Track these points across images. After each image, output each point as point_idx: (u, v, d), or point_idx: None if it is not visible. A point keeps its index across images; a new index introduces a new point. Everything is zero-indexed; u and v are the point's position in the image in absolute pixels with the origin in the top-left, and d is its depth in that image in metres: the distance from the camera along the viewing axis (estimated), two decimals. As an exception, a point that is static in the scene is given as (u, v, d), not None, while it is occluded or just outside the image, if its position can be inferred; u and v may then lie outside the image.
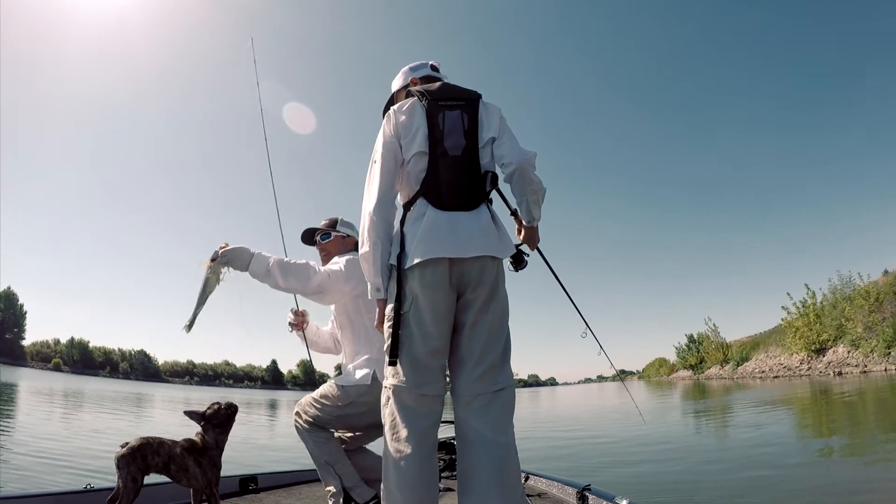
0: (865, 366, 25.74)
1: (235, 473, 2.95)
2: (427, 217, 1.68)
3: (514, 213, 2.03)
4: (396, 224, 1.77)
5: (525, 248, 2.00)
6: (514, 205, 1.96)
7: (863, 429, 8.63)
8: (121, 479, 1.78)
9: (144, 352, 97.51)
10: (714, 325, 49.07)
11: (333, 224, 2.58)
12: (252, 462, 6.62)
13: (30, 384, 29.19)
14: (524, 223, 1.95)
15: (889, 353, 24.17)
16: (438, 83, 1.85)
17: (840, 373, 26.96)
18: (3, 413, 12.17)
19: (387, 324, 1.70)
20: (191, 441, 2.00)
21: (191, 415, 2.07)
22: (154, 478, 1.91)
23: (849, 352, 28.06)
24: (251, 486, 2.91)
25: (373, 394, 2.18)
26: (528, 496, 2.77)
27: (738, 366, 40.50)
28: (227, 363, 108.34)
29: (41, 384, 30.99)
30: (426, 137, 1.73)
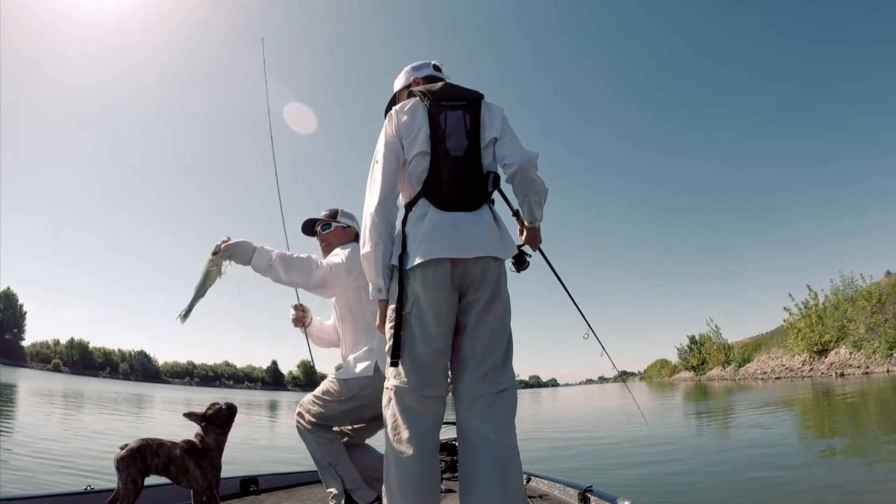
0: (868, 367, 25.66)
1: (236, 475, 2.94)
2: (429, 217, 1.68)
3: (517, 214, 2.03)
4: (398, 224, 1.76)
5: (527, 249, 1.99)
6: (517, 205, 1.95)
7: (865, 430, 8.61)
8: (121, 481, 1.78)
9: (144, 352, 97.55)
10: (716, 326, 49.01)
11: (334, 215, 2.59)
12: (253, 463, 6.61)
13: (29, 385, 29.14)
14: (526, 224, 1.94)
15: (891, 355, 24.10)
16: (441, 83, 1.85)
17: (842, 374, 26.89)
18: (3, 414, 12.16)
19: (388, 325, 1.69)
20: (190, 442, 1.99)
21: (190, 416, 2.06)
22: (154, 479, 1.91)
23: (851, 353, 27.98)
24: (252, 488, 2.90)
25: (375, 385, 2.16)
26: (530, 498, 2.76)
27: (740, 367, 40.40)
28: (228, 364, 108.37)
29: (41, 385, 30.96)
30: (428, 137, 1.72)
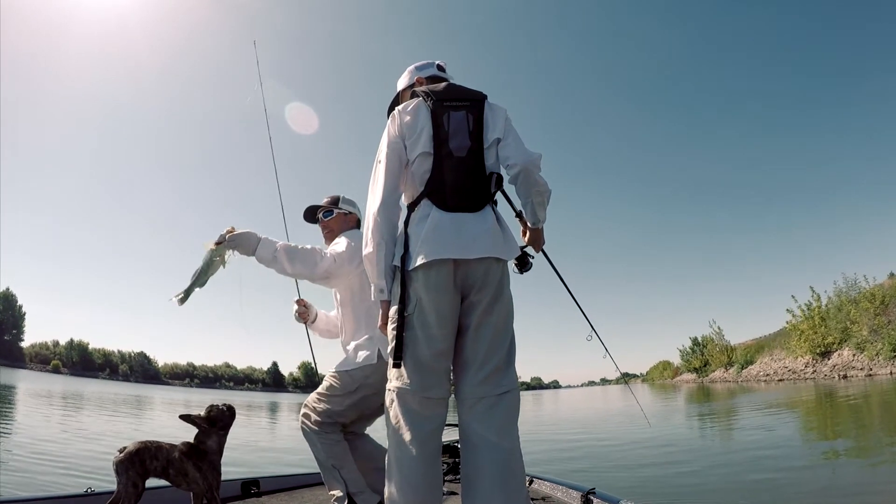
0: (871, 369, 25.58)
1: (237, 477, 2.94)
2: (431, 218, 1.67)
3: (519, 215, 2.02)
4: (400, 225, 1.76)
5: (530, 251, 1.98)
6: (519, 206, 1.94)
7: (868, 432, 8.59)
8: (121, 485, 1.77)
9: (144, 354, 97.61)
10: (718, 328, 48.88)
11: (336, 201, 2.58)
12: (254, 465, 6.60)
13: (29, 386, 29.13)
14: (529, 225, 1.93)
15: (895, 357, 24.02)
16: (444, 83, 1.85)
17: (845, 376, 26.81)
18: (2, 415, 12.15)
19: (390, 326, 1.69)
20: (189, 445, 1.97)
21: (187, 418, 2.02)
22: (155, 482, 1.90)
23: (854, 355, 27.90)
24: (253, 490, 2.89)
25: (380, 373, 2.13)
26: (533, 500, 2.75)
27: (743, 369, 40.30)
28: (228, 365, 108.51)
29: (40, 386, 30.98)
30: (431, 138, 1.72)
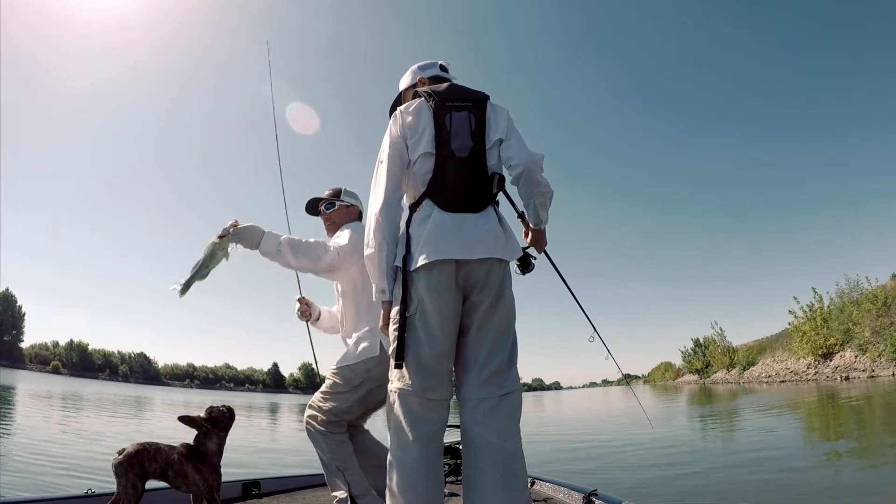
0: (873, 370, 25.52)
1: (238, 478, 2.93)
2: (433, 218, 1.67)
3: (521, 216, 2.01)
4: (402, 225, 1.75)
5: (532, 251, 1.98)
6: (521, 207, 1.94)
7: (870, 433, 8.58)
8: (120, 486, 1.77)
9: (144, 354, 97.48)
10: (720, 329, 48.84)
11: (337, 193, 2.59)
12: (254, 466, 6.60)
13: (28, 387, 29.11)
14: (531, 226, 1.93)
15: (897, 358, 23.97)
16: (446, 84, 1.85)
17: (847, 377, 26.76)
18: (2, 416, 12.15)
19: (392, 326, 1.68)
20: (189, 446, 1.96)
21: (186, 419, 2.00)
22: (155, 482, 1.89)
23: (856, 356, 27.84)
24: (254, 492, 2.88)
25: (383, 365, 2.11)
26: (534, 501, 2.73)
27: (745, 370, 40.25)
28: (228, 366, 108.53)
29: (40, 387, 30.97)
30: (433, 138, 1.72)
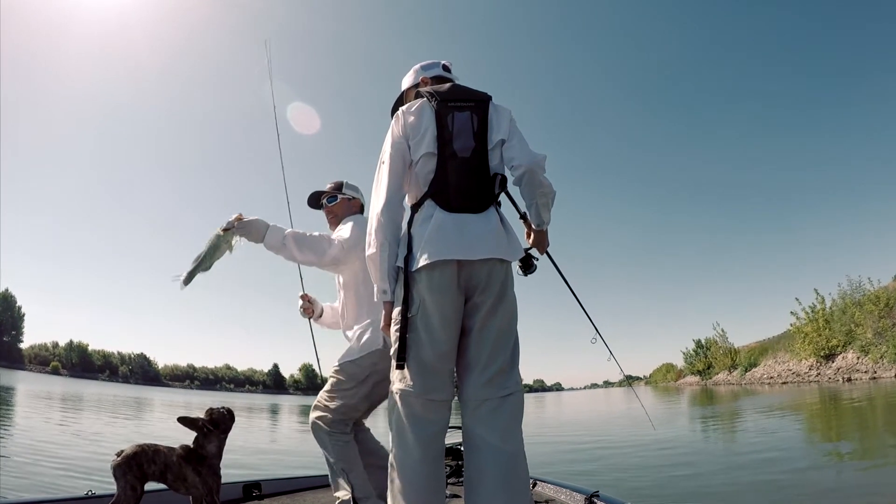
0: (875, 372, 25.45)
1: (238, 479, 2.92)
2: (435, 219, 1.66)
3: (524, 217, 2.01)
4: (404, 226, 1.75)
5: (534, 253, 1.97)
6: (524, 208, 1.94)
7: (872, 434, 8.57)
8: (120, 488, 1.76)
9: (144, 355, 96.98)
10: (722, 330, 48.62)
11: (339, 186, 2.59)
12: (255, 467, 6.59)
13: (28, 388, 29.09)
14: (533, 227, 1.92)
15: (899, 360, 23.90)
16: (449, 84, 1.85)
17: (849, 379, 26.68)
18: (1, 417, 12.14)
19: (394, 327, 1.67)
20: (188, 448, 1.94)
21: (186, 421, 1.99)
22: (155, 484, 1.89)
23: (858, 358, 27.75)
24: (255, 493, 2.88)
25: (387, 358, 2.08)
26: (536, 503, 2.73)
27: (747, 371, 40.14)
28: (228, 367, 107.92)
29: (39, 388, 30.94)
30: (435, 138, 1.71)
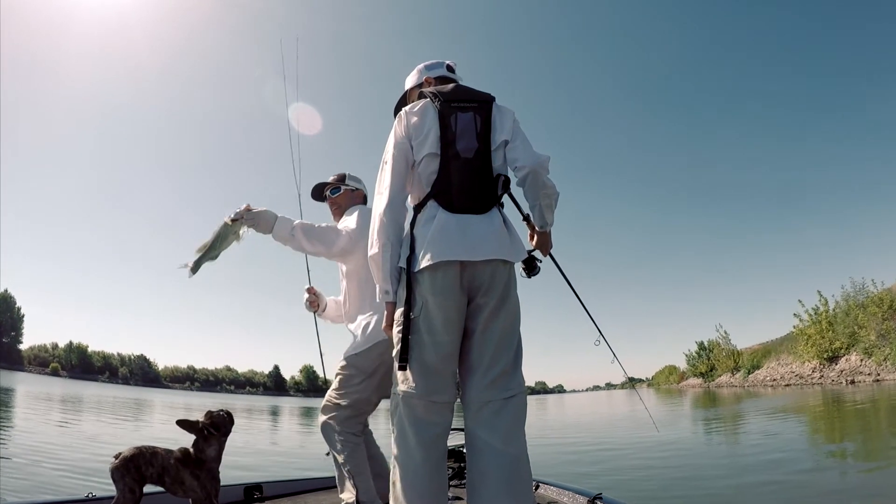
0: (878, 374, 25.38)
1: (239, 482, 2.91)
2: (437, 219, 1.66)
3: (527, 219, 2.00)
4: (406, 226, 1.74)
5: (538, 254, 1.96)
6: (527, 209, 1.93)
7: (875, 436, 8.54)
8: (119, 491, 1.76)
9: (144, 356, 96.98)
10: (725, 332, 48.62)
11: (342, 178, 2.61)
12: (256, 469, 6.58)
13: (27, 389, 29.04)
14: (537, 228, 1.91)
15: (903, 362, 23.82)
16: (452, 84, 1.84)
17: (853, 381, 26.61)
18: (1, 418, 12.15)
19: (396, 328, 1.67)
20: (186, 452, 1.92)
21: (185, 424, 1.97)
22: (156, 486, 1.88)
23: (862, 360, 27.68)
24: (256, 495, 2.86)
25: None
26: (539, 506, 2.71)
27: (749, 374, 40.09)
28: (229, 368, 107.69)
29: (39, 389, 30.90)
30: (438, 139, 1.71)
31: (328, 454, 2.34)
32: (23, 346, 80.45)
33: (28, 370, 75.12)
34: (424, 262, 1.60)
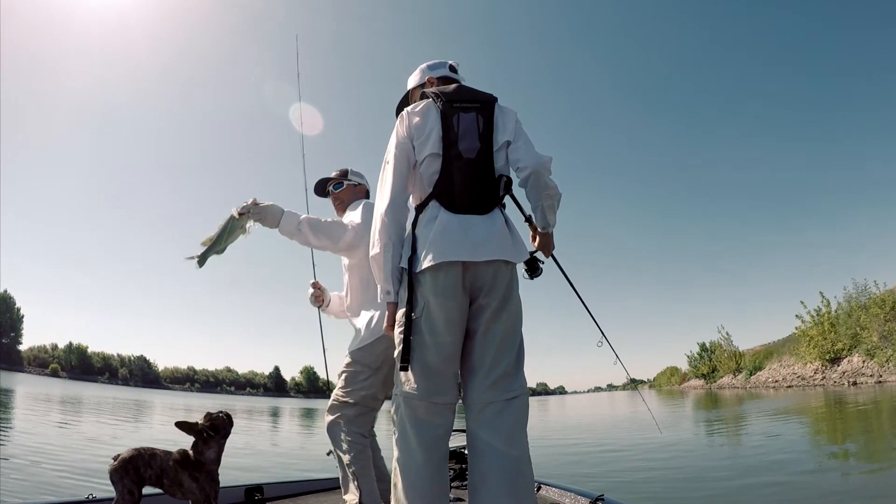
0: (881, 376, 25.32)
1: (240, 483, 2.90)
2: (439, 220, 1.65)
3: (529, 220, 1.99)
4: (408, 227, 1.74)
5: (540, 256, 1.95)
6: (529, 210, 1.92)
7: (877, 437, 8.51)
8: (118, 493, 1.75)
9: (144, 357, 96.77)
10: (727, 334, 48.64)
11: (345, 173, 2.62)
12: (257, 470, 6.57)
13: (27, 390, 29.08)
14: (539, 229, 1.90)
15: (905, 363, 23.76)
16: (454, 85, 1.84)
17: (855, 383, 26.55)
18: (1, 419, 12.15)
19: (398, 329, 1.66)
20: (184, 453, 1.91)
21: (184, 426, 1.95)
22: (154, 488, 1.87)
23: (864, 361, 27.61)
24: (257, 496, 2.86)
25: None
26: (540, 507, 2.70)
27: (751, 375, 40.00)
28: (229, 369, 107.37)
29: (38, 390, 30.92)
30: (440, 139, 1.70)
31: (329, 454, 2.33)
32: (22, 347, 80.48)
33: (28, 371, 75.00)
34: (426, 263, 1.60)
